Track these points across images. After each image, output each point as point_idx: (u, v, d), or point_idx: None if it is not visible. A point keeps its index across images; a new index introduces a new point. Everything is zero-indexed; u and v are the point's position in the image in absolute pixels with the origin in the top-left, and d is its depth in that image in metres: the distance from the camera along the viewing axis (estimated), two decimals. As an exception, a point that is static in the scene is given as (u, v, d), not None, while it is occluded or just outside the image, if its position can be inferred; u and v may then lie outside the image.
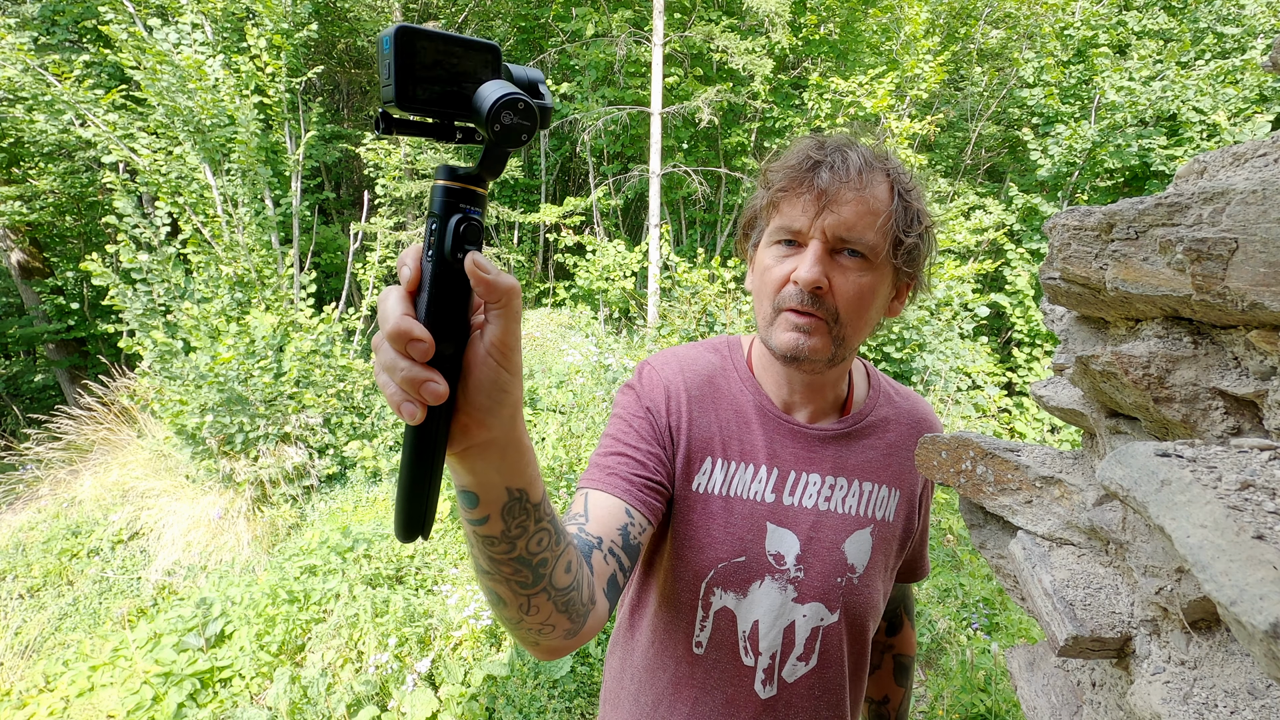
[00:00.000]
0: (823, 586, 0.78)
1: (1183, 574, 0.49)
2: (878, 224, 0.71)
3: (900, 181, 0.75)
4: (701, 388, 0.83)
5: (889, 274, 0.75)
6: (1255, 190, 0.42)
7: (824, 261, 0.71)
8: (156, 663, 2.70)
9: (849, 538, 0.80)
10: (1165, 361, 0.53)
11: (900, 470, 0.84)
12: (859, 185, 0.70)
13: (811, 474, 0.80)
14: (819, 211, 0.71)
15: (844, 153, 0.72)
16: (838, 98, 8.58)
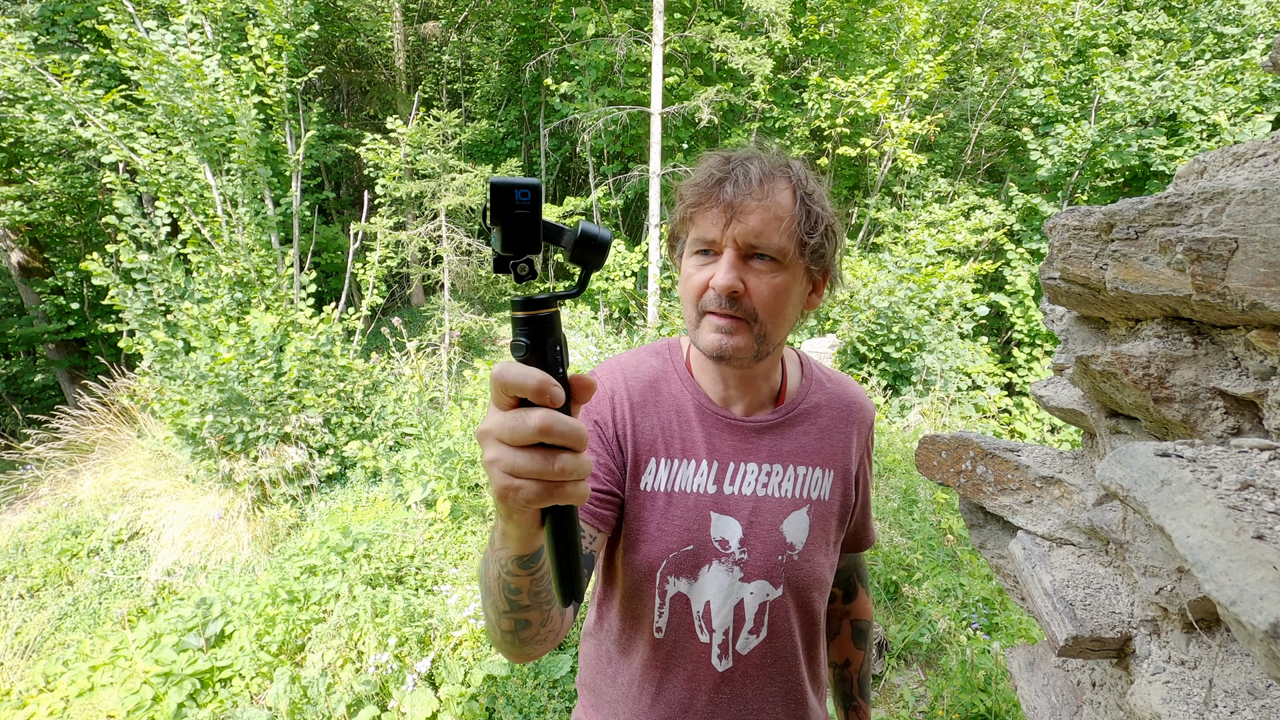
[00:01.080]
0: (765, 565, 0.86)
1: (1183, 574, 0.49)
2: (783, 228, 0.77)
3: (802, 186, 0.80)
4: (644, 392, 0.89)
5: (800, 272, 0.80)
6: (1255, 190, 0.42)
7: (737, 267, 0.77)
8: (156, 663, 2.70)
9: (786, 519, 0.87)
10: (1165, 361, 0.53)
11: (834, 451, 0.91)
12: (761, 195, 0.76)
13: (749, 463, 0.87)
14: (728, 222, 0.76)
15: (746, 166, 0.78)
16: (838, 98, 8.58)
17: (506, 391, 0.44)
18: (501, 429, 0.45)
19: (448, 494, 3.77)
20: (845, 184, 10.39)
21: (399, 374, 5.54)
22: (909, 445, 4.48)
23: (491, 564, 0.61)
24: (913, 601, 2.97)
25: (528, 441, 0.44)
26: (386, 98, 11.64)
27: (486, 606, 0.66)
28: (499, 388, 0.45)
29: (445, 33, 11.92)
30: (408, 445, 4.62)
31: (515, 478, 0.45)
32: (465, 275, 8.21)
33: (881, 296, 6.18)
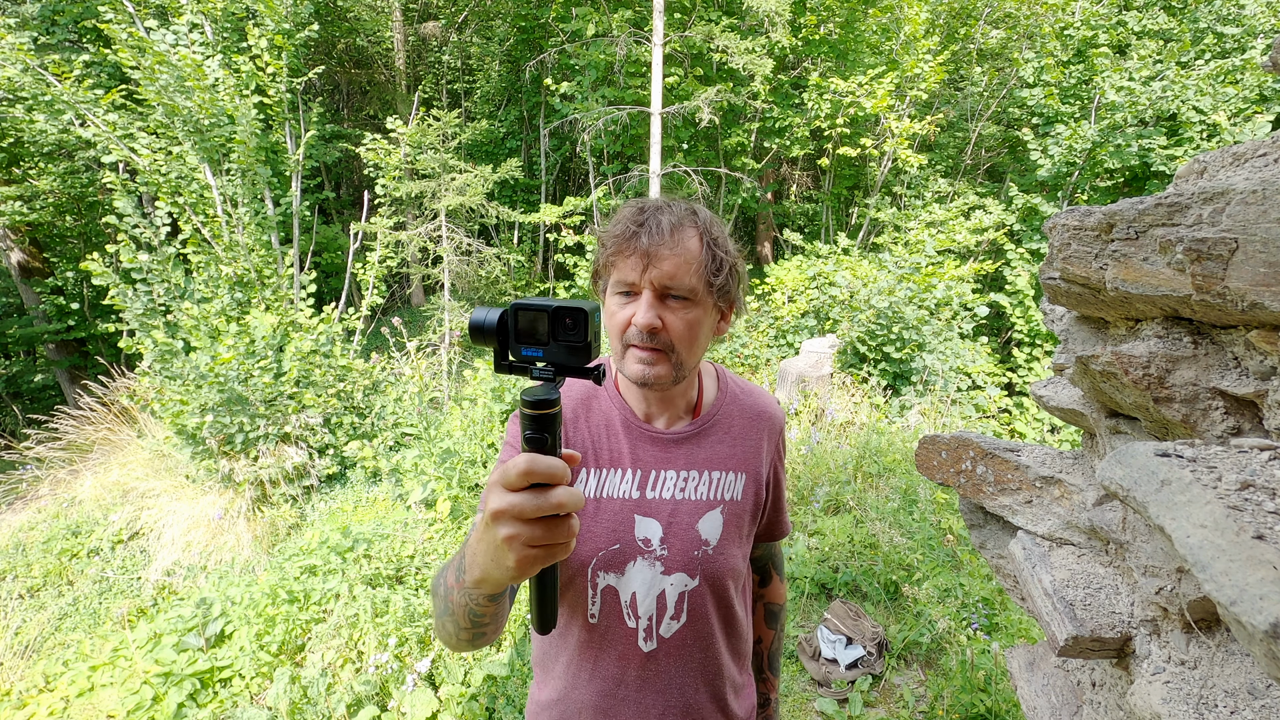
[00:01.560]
0: (683, 559, 0.97)
1: (1183, 574, 0.49)
2: (693, 270, 0.88)
3: (708, 233, 0.91)
4: (576, 409, 1.01)
5: (710, 306, 0.92)
6: (1255, 190, 0.42)
7: (655, 306, 0.88)
8: (156, 663, 2.70)
9: (702, 518, 0.98)
10: (1165, 361, 0.53)
11: (745, 456, 1.02)
12: (673, 243, 0.88)
13: (668, 471, 0.99)
14: (645, 268, 0.87)
15: (658, 216, 0.89)
16: (837, 98, 8.58)
17: (534, 479, 0.53)
18: (523, 508, 0.53)
19: (448, 494, 3.77)
20: (845, 184, 10.38)
21: (399, 374, 5.54)
22: (909, 445, 4.48)
23: (458, 594, 0.72)
24: (913, 601, 2.97)
25: (546, 514, 0.53)
26: (386, 98, 11.64)
27: (444, 620, 0.78)
28: (526, 477, 0.53)
29: (445, 33, 11.93)
30: (408, 445, 4.62)
31: (533, 548, 0.54)
32: (465, 275, 8.20)
33: (881, 296, 6.18)
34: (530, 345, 0.59)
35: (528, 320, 0.58)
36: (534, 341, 0.59)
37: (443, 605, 0.77)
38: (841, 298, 6.76)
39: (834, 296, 6.94)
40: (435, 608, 0.81)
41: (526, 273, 10.90)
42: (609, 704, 0.99)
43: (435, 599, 0.80)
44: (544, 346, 0.59)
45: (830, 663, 2.64)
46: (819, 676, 2.62)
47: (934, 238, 7.57)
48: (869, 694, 2.56)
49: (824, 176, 10.59)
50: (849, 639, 2.69)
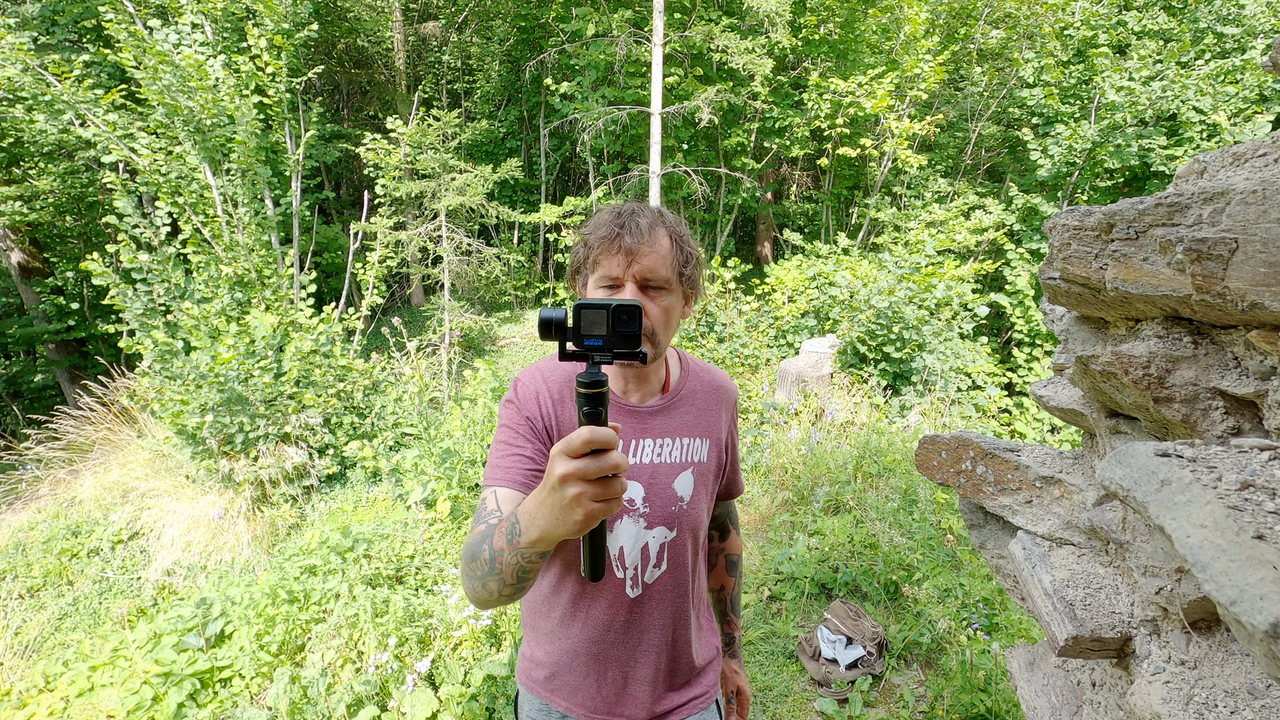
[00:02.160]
0: (663, 515, 1.12)
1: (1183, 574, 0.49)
2: (666, 263, 1.04)
3: (675, 231, 1.08)
4: (561, 389, 1.13)
5: (679, 293, 1.09)
6: (1255, 190, 0.42)
7: (637, 297, 1.02)
8: (156, 663, 2.70)
9: (677, 478, 1.14)
10: (1165, 361, 0.53)
11: (708, 425, 1.19)
12: (650, 241, 1.03)
13: (645, 439, 1.13)
14: (629, 263, 1.02)
15: (636, 219, 1.04)
16: (837, 98, 8.58)
17: (594, 446, 0.66)
18: (586, 470, 0.67)
19: (448, 494, 3.77)
20: (845, 184, 10.38)
21: (399, 374, 5.54)
22: (909, 445, 4.48)
23: (509, 555, 0.83)
24: (913, 601, 2.97)
25: (605, 474, 0.67)
26: (386, 98, 11.64)
27: (486, 580, 0.88)
28: (588, 444, 0.66)
29: (445, 33, 11.92)
30: (408, 445, 4.62)
31: (597, 503, 0.68)
32: (465, 275, 8.20)
33: (882, 296, 6.17)
34: (592, 337, 0.73)
35: (590, 316, 0.73)
36: (595, 334, 0.73)
37: (486, 568, 0.87)
38: (841, 298, 6.76)
39: (834, 296, 6.94)
40: (474, 571, 0.90)
41: (526, 273, 10.90)
42: (599, 649, 1.12)
43: (474, 564, 0.90)
44: (604, 337, 0.73)
45: (830, 663, 2.64)
46: (819, 676, 2.62)
47: (934, 238, 7.57)
48: (869, 694, 2.56)
49: (824, 176, 10.59)
50: (849, 639, 2.69)
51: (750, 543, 3.69)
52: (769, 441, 4.67)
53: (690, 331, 6.89)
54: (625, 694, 1.14)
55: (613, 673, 1.13)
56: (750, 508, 4.06)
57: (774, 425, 5.09)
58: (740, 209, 10.52)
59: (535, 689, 1.19)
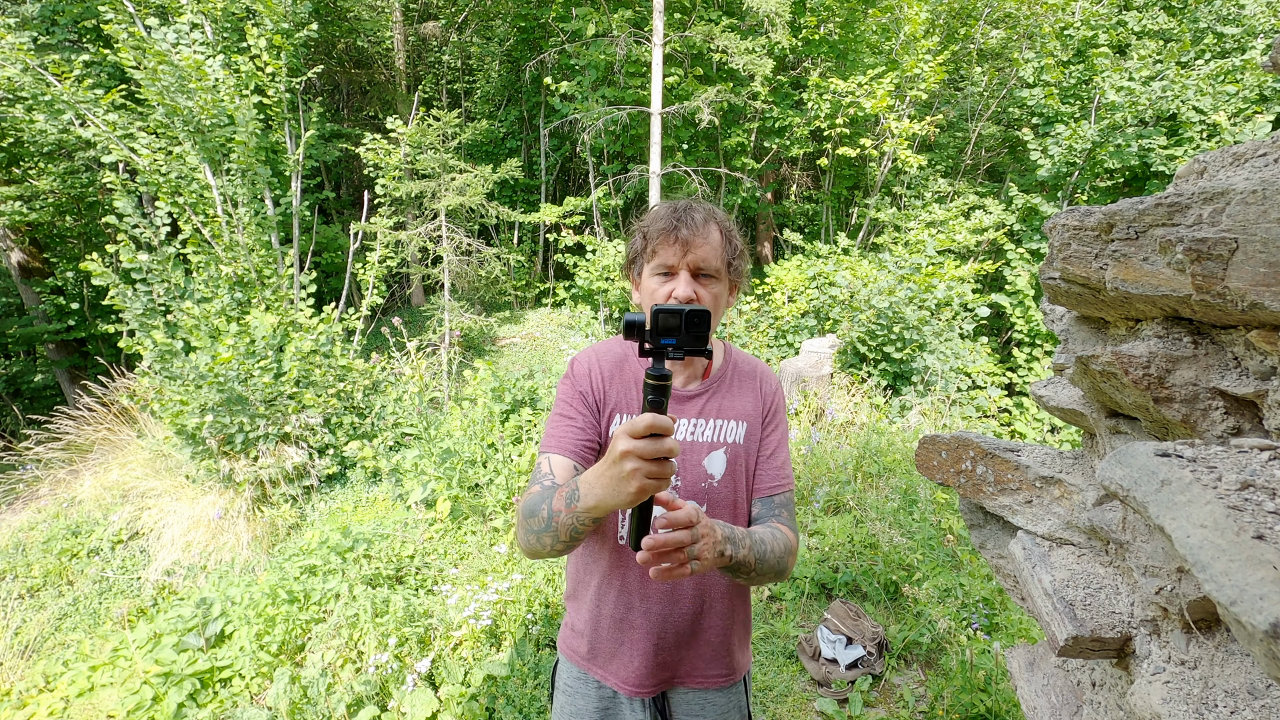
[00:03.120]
0: (693, 490, 1.19)
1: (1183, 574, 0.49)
2: (717, 254, 1.14)
3: (725, 227, 1.18)
4: (613, 368, 1.23)
5: (726, 282, 1.18)
6: (1255, 190, 0.42)
7: (690, 283, 1.12)
8: (156, 663, 2.70)
9: (706, 456, 1.20)
10: (1165, 361, 0.53)
11: (744, 409, 1.24)
12: (704, 233, 1.13)
13: (681, 419, 1.21)
14: (684, 253, 1.12)
15: (691, 214, 1.14)
16: (837, 98, 8.58)
17: (654, 430, 0.79)
18: (644, 449, 0.79)
19: (448, 494, 3.77)
20: (845, 184, 10.38)
21: (399, 374, 5.54)
22: (909, 445, 4.47)
23: (565, 517, 0.95)
24: (913, 601, 2.97)
25: (660, 455, 0.79)
26: (386, 98, 11.63)
27: (542, 535, 1.00)
28: (650, 428, 0.79)
29: (445, 33, 11.92)
30: (408, 445, 4.62)
31: (650, 479, 0.80)
32: (465, 275, 8.20)
33: (882, 297, 6.17)
34: (668, 336, 0.85)
35: (667, 319, 0.84)
36: (670, 333, 0.85)
37: (543, 525, 0.99)
38: (841, 298, 6.76)
39: (834, 296, 6.94)
40: (531, 526, 1.02)
41: (526, 273, 10.90)
42: (633, 616, 1.20)
43: (532, 520, 1.02)
44: (678, 336, 0.85)
45: (830, 663, 2.64)
46: (819, 676, 2.62)
47: (934, 238, 7.57)
48: (869, 694, 2.56)
49: (824, 176, 10.59)
50: (849, 639, 2.69)
51: (750, 543, 3.69)
52: (769, 441, 4.67)
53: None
54: (655, 662, 1.20)
55: (645, 642, 1.19)
56: (750, 508, 4.06)
57: (774, 425, 5.09)
58: (740, 209, 10.52)
59: (574, 658, 1.27)
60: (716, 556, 0.96)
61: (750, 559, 1.05)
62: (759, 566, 1.07)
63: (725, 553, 0.98)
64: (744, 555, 1.03)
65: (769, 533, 1.14)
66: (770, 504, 1.27)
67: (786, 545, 1.15)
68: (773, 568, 1.09)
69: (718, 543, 0.96)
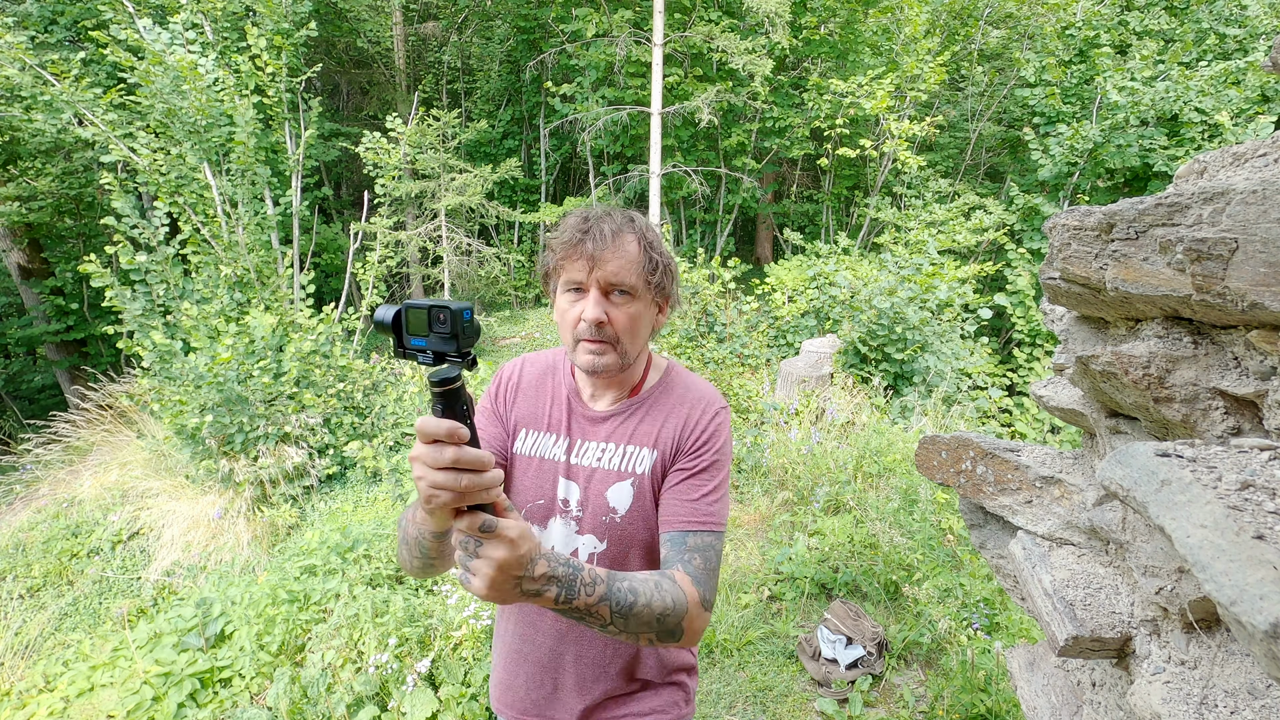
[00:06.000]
0: (594, 523, 1.07)
1: (1183, 574, 0.49)
2: (633, 270, 1.00)
3: (645, 238, 1.03)
4: (535, 377, 1.17)
5: (648, 301, 1.04)
6: (1255, 190, 0.42)
7: (601, 302, 1.00)
8: (156, 663, 2.70)
9: (611, 487, 1.07)
10: (1165, 361, 0.53)
11: (659, 435, 1.08)
12: (615, 247, 0.99)
13: (591, 441, 1.10)
14: (591, 269, 0.99)
15: (601, 224, 1.01)
16: (837, 98, 8.58)
17: (424, 438, 0.68)
18: (423, 456, 0.68)
19: (448, 494, 3.76)
20: (845, 184, 10.38)
21: (399, 374, 5.54)
22: (909, 446, 4.47)
23: (411, 528, 0.88)
24: (913, 601, 2.97)
25: (443, 466, 0.67)
26: (386, 98, 11.64)
27: (402, 550, 0.94)
28: (420, 434, 0.67)
29: (445, 33, 11.92)
30: (408, 445, 4.62)
31: (434, 489, 0.68)
32: (465, 275, 8.20)
33: (883, 297, 6.17)
34: (417, 336, 0.73)
35: (414, 317, 0.72)
36: (419, 334, 0.72)
37: (402, 534, 0.93)
38: (842, 298, 6.76)
39: (834, 297, 6.94)
40: (399, 536, 0.95)
41: (526, 272, 10.90)
42: (528, 649, 1.12)
43: (400, 529, 0.95)
44: (426, 338, 0.72)
45: (830, 663, 2.64)
46: (819, 676, 2.62)
47: (935, 238, 7.57)
48: (869, 694, 2.56)
49: (824, 176, 10.59)
50: (849, 639, 2.69)
51: (750, 542, 3.69)
52: (769, 441, 4.67)
53: (690, 331, 6.89)
54: (555, 699, 1.12)
55: (541, 676, 1.12)
56: (750, 508, 4.06)
57: (774, 425, 5.09)
58: (740, 209, 10.52)
59: (495, 705, 1.19)
60: (519, 590, 0.78)
61: (601, 610, 0.84)
62: (618, 621, 0.85)
63: (545, 593, 0.79)
64: (587, 602, 0.82)
65: (654, 583, 0.90)
66: (680, 543, 1.01)
67: (676, 602, 0.90)
68: (646, 625, 0.87)
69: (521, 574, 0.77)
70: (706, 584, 0.98)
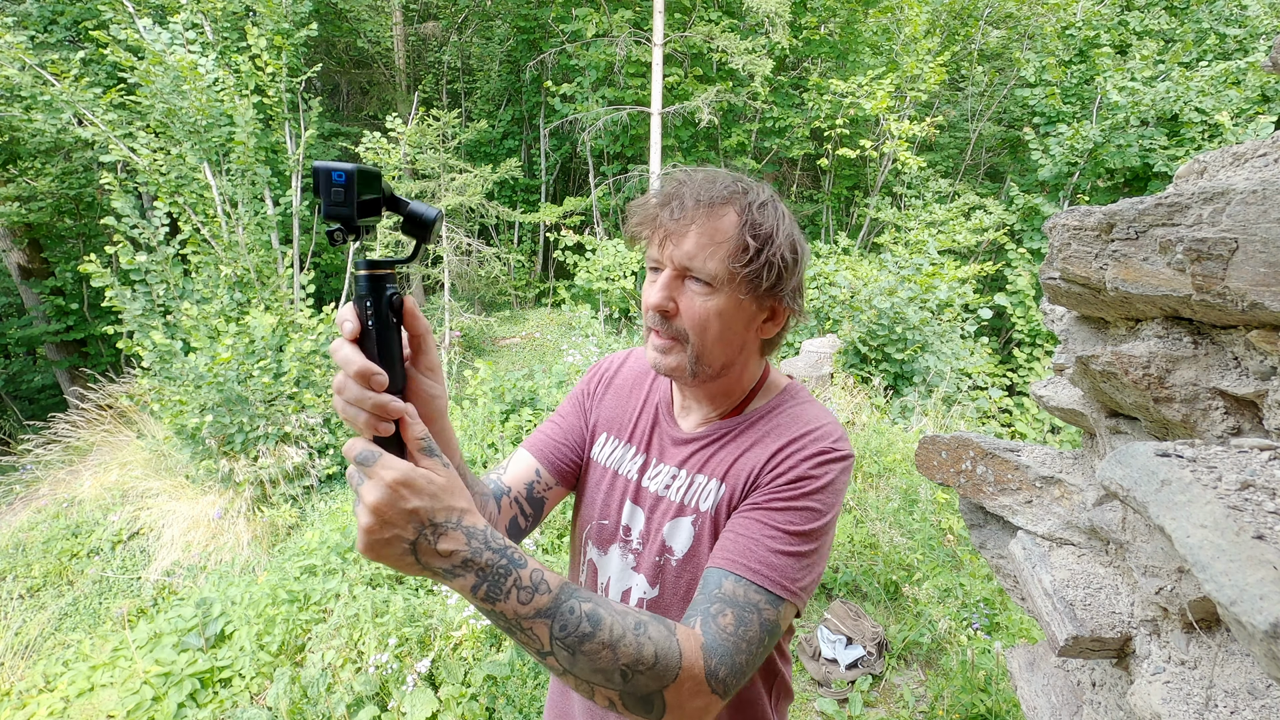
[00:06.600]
0: (649, 562, 0.89)
1: (1183, 574, 0.49)
2: (717, 254, 0.77)
3: (750, 215, 0.78)
4: (632, 377, 1.01)
5: (738, 299, 0.80)
6: (1255, 190, 0.42)
7: (670, 286, 0.80)
8: (156, 663, 2.70)
9: (670, 522, 0.88)
10: (1165, 361, 0.53)
11: (734, 469, 0.85)
12: (701, 221, 0.78)
13: (665, 464, 0.92)
14: (663, 243, 0.80)
15: (686, 190, 0.80)
16: (837, 98, 8.58)
17: (335, 355, 0.59)
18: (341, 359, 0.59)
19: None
20: (845, 184, 10.38)
21: (399, 374, 5.54)
22: (909, 445, 4.47)
23: None
24: (913, 601, 2.97)
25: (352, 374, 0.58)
26: (386, 97, 11.64)
27: None
28: (332, 350, 0.60)
29: (445, 33, 11.93)
30: (408, 445, 4.61)
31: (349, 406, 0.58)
32: (465, 275, 8.21)
33: (884, 297, 6.18)
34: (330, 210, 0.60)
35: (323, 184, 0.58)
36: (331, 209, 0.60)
37: None
38: (842, 298, 6.76)
39: (834, 297, 6.94)
40: None
41: (526, 272, 10.90)
42: (564, 694, 1.01)
43: None
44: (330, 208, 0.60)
45: (830, 663, 2.64)
46: (819, 676, 2.62)
47: (935, 238, 7.57)
48: (869, 694, 2.56)
49: (824, 177, 10.59)
50: (849, 639, 2.69)
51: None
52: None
53: (690, 331, 6.88)
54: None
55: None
56: (750, 508, 4.06)
57: (774, 425, 5.09)
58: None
59: None
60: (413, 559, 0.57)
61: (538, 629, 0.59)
62: (559, 653, 0.60)
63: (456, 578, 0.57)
64: (518, 610, 0.59)
65: (636, 622, 0.63)
66: (713, 585, 0.74)
67: (661, 658, 0.62)
68: (603, 673, 0.60)
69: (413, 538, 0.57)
70: (725, 654, 0.67)
